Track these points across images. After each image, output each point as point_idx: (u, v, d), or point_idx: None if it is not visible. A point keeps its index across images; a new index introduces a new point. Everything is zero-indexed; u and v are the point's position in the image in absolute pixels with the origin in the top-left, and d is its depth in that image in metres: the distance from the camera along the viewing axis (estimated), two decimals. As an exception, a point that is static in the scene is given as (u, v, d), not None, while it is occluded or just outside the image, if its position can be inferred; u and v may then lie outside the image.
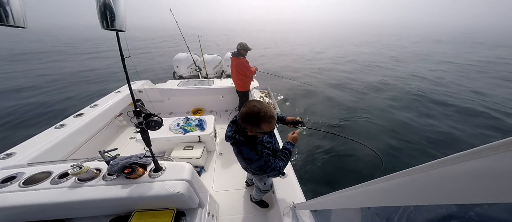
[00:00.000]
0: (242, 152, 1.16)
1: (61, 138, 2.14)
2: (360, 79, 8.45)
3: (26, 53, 15.82)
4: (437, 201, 0.40)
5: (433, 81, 8.26)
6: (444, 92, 6.96)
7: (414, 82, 8.11)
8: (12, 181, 1.21)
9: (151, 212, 1.23)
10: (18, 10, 0.70)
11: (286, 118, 1.57)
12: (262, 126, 1.01)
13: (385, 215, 0.63)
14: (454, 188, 0.36)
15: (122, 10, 0.85)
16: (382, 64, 11.51)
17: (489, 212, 0.35)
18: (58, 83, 8.24)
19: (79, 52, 16.58)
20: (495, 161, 0.30)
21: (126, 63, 1.03)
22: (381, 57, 13.84)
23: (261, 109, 1.00)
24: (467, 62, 12.47)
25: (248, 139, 1.16)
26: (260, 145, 1.21)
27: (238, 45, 3.04)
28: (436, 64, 11.72)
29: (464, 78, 8.91)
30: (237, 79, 3.31)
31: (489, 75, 9.41)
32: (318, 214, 1.41)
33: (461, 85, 7.79)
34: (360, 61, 12.41)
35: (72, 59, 13.70)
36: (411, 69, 10.44)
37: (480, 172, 0.32)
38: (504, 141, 0.29)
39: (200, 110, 4.10)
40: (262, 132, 1.07)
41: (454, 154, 0.36)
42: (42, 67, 11.07)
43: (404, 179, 0.48)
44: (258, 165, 1.15)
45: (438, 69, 10.44)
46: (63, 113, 5.43)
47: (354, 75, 9.21)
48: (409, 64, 11.64)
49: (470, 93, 6.92)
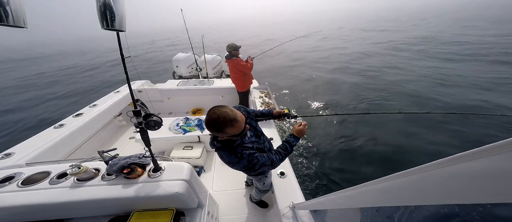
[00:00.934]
0: (223, 156, 1.16)
1: (60, 138, 2.13)
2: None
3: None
4: (438, 201, 0.40)
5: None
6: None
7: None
8: (10, 181, 1.20)
9: (150, 212, 1.22)
10: (18, 10, 0.70)
11: (272, 111, 1.55)
12: (225, 130, 0.99)
13: (385, 215, 0.63)
14: (455, 188, 0.36)
15: (122, 10, 0.85)
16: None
17: (491, 212, 0.35)
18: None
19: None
20: (495, 161, 0.30)
21: (126, 63, 1.03)
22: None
23: (220, 115, 0.97)
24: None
25: (225, 144, 1.14)
26: (241, 147, 1.16)
27: (227, 48, 3.06)
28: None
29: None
30: (236, 80, 3.33)
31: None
32: (317, 214, 1.41)
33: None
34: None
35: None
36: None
37: (481, 172, 0.32)
38: (505, 142, 0.29)
39: (199, 110, 4.10)
40: (231, 136, 1.05)
41: (455, 154, 0.36)
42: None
43: (404, 179, 0.48)
44: (241, 166, 1.15)
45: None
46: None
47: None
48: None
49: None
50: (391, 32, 17.51)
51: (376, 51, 11.05)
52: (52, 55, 26.85)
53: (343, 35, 18.55)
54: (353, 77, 7.33)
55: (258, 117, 1.55)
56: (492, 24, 16.89)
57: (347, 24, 28.85)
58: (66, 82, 10.94)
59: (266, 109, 1.62)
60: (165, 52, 18.14)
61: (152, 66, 12.91)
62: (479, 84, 5.69)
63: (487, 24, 17.10)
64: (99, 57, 19.33)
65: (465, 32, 14.02)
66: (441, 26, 18.59)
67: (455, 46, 10.45)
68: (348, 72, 7.91)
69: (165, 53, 17.36)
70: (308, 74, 8.14)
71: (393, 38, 14.60)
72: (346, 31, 21.41)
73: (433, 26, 18.70)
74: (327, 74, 7.93)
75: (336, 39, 16.30)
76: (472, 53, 8.89)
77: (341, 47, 13.17)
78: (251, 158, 1.13)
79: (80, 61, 17.92)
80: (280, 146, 1.31)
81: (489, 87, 5.51)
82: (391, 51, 10.82)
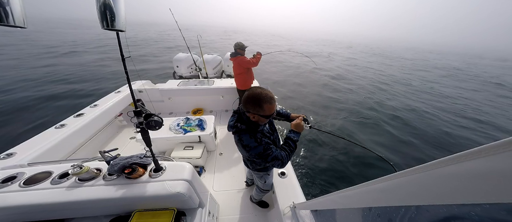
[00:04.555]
0: (242, 139, 1.20)
1: (62, 138, 2.14)
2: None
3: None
4: (438, 201, 0.40)
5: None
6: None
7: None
8: (12, 181, 1.21)
9: (151, 212, 1.23)
10: (18, 10, 0.70)
11: (290, 115, 1.57)
12: (263, 106, 1.10)
13: (386, 215, 0.63)
14: (455, 188, 0.36)
15: (122, 10, 0.85)
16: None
17: (491, 212, 0.35)
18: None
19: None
20: (495, 160, 0.30)
21: (126, 63, 1.03)
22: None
23: (262, 92, 1.11)
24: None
25: (249, 126, 1.20)
26: (261, 133, 1.24)
27: (235, 46, 3.17)
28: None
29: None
30: (238, 77, 3.38)
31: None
32: (318, 214, 1.41)
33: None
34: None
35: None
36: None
37: (481, 172, 0.32)
38: (505, 141, 0.29)
39: (200, 110, 4.10)
40: (264, 115, 1.13)
41: (455, 153, 0.36)
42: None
43: (405, 179, 0.48)
44: (257, 152, 1.18)
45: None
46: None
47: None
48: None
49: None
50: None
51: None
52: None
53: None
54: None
55: (276, 115, 1.55)
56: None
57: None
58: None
59: (284, 110, 1.61)
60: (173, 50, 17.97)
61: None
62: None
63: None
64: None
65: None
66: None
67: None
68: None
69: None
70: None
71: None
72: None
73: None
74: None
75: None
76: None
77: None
78: (267, 147, 1.18)
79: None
80: (284, 143, 1.33)
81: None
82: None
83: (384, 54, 24.90)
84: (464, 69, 19.01)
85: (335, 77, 10.50)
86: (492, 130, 5.76)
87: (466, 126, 5.75)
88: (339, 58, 18.19)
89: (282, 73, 10.26)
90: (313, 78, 9.85)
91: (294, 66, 12.35)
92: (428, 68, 17.01)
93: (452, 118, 6.27)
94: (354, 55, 21.65)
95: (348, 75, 11.19)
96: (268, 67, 11.29)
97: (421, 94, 8.64)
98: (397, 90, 8.93)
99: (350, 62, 16.34)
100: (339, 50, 25.42)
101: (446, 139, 4.90)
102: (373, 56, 21.76)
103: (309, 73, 10.74)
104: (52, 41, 17.83)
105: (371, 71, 13.09)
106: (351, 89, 8.45)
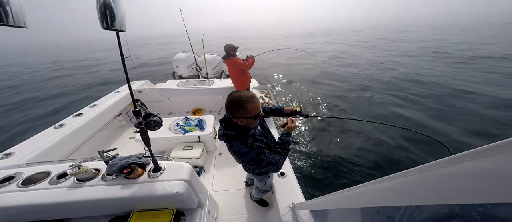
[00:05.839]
0: (233, 146, 1.17)
1: (60, 138, 2.13)
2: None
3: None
4: (438, 201, 0.40)
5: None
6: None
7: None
8: (10, 181, 1.20)
9: (150, 212, 1.22)
10: (18, 10, 0.70)
11: (283, 109, 1.50)
12: (247, 107, 1.07)
13: (386, 215, 0.63)
14: (455, 188, 0.36)
15: (122, 10, 0.85)
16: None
17: (491, 212, 0.35)
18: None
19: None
20: (496, 161, 0.30)
21: (126, 63, 1.02)
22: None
23: (242, 93, 1.09)
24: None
25: (239, 132, 1.17)
26: (252, 138, 1.20)
27: (225, 48, 3.16)
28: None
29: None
30: (234, 78, 3.40)
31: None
32: (317, 214, 1.41)
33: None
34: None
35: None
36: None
37: (481, 172, 0.32)
38: (505, 141, 0.29)
39: (199, 110, 4.10)
40: (251, 116, 1.09)
41: (455, 154, 0.36)
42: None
43: (405, 179, 0.48)
44: (249, 158, 1.15)
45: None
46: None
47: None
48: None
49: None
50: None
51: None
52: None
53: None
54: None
55: (266, 113, 1.48)
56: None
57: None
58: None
59: (276, 106, 1.55)
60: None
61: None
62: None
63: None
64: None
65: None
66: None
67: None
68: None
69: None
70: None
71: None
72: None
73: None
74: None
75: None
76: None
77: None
78: (259, 151, 1.15)
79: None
80: (277, 146, 1.31)
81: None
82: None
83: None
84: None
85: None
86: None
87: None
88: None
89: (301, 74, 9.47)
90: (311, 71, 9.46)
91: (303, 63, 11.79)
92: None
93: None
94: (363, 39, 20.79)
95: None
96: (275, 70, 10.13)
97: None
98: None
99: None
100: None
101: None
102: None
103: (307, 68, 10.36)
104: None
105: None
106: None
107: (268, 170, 1.21)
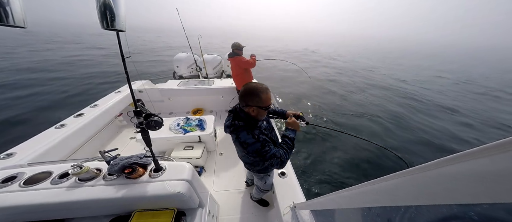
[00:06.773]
0: (239, 137, 1.20)
1: (62, 138, 2.14)
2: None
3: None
4: (438, 201, 0.40)
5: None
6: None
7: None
8: (12, 181, 1.21)
9: (151, 212, 1.23)
10: (18, 10, 0.70)
11: (286, 112, 1.55)
12: (261, 96, 1.15)
13: (386, 215, 0.63)
14: (454, 188, 0.36)
15: (122, 10, 0.85)
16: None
17: (490, 212, 0.35)
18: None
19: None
20: (495, 160, 0.30)
21: (126, 63, 1.03)
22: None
23: (258, 84, 1.18)
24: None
25: (248, 122, 1.21)
26: (258, 130, 1.25)
27: (232, 46, 3.20)
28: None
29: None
30: (237, 77, 3.40)
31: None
32: (318, 214, 1.41)
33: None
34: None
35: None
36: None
37: (480, 172, 0.32)
38: (505, 141, 0.29)
39: (200, 110, 4.10)
40: (263, 106, 1.16)
41: (454, 154, 0.36)
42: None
43: (404, 179, 0.48)
44: (254, 149, 1.17)
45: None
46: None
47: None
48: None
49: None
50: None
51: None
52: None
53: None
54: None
55: (270, 114, 1.55)
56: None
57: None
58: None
59: (279, 109, 1.60)
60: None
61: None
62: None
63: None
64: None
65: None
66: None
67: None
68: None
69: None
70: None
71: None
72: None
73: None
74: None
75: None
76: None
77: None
78: (264, 143, 1.18)
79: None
80: (282, 141, 1.32)
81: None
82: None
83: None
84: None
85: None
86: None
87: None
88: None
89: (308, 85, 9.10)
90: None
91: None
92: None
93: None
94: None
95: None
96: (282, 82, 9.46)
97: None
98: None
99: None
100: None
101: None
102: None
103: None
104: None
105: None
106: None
107: (272, 164, 1.22)
